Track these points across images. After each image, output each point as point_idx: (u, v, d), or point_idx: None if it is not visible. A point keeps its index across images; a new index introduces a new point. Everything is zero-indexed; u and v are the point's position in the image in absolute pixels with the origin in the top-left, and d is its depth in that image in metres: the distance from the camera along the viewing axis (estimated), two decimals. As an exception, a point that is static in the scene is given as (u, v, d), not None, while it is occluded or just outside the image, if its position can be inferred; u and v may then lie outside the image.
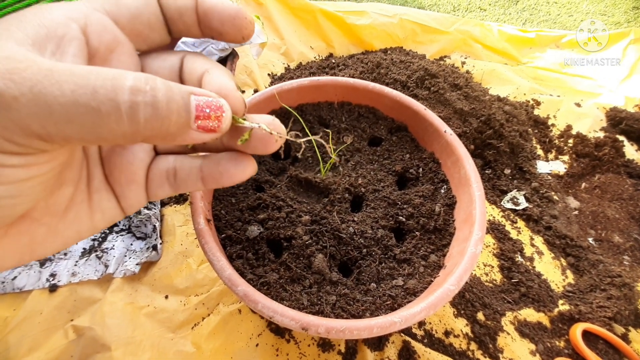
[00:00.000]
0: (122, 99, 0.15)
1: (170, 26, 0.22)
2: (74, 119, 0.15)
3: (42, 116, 0.14)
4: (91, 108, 0.15)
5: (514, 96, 0.85)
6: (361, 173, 0.45)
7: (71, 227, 0.22)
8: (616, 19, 1.21)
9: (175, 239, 0.54)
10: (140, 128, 0.16)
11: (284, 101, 0.46)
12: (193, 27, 0.22)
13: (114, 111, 0.15)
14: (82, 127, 0.15)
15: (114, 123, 0.15)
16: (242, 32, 0.22)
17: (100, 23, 0.19)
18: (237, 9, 0.22)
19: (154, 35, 0.22)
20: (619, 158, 0.74)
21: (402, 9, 0.94)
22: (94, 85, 0.15)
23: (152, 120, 0.16)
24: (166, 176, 0.25)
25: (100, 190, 0.23)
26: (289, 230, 0.38)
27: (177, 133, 0.18)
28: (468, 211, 0.39)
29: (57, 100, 0.14)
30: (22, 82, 0.14)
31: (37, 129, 0.15)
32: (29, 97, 0.14)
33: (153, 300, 0.49)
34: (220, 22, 0.22)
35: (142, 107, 0.16)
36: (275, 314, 0.29)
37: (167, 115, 0.16)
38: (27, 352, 0.44)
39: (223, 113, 0.19)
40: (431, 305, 0.31)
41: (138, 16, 0.21)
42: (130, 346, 0.45)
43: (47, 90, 0.14)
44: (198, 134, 0.18)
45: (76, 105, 0.14)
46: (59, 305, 0.47)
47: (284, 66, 0.82)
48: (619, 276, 0.57)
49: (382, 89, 0.48)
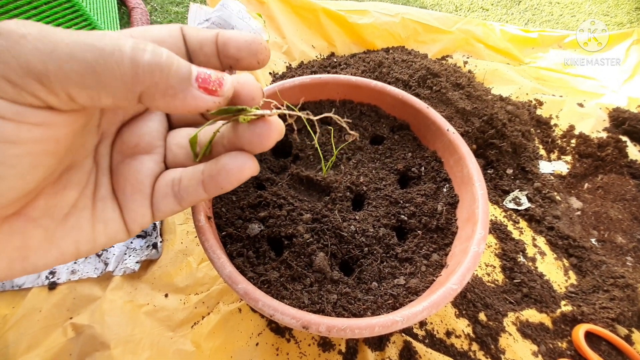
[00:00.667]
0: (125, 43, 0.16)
1: (192, 57, 0.23)
2: (76, 55, 0.15)
3: (44, 51, 0.15)
4: (96, 47, 0.15)
5: (517, 96, 0.84)
6: (363, 171, 0.45)
7: (70, 236, 0.21)
8: (619, 20, 1.20)
9: (176, 237, 0.54)
10: (140, 71, 0.16)
11: (286, 99, 0.45)
12: (212, 57, 0.23)
13: (117, 50, 0.16)
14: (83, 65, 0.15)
15: (115, 62, 0.16)
16: (258, 57, 0.23)
17: None
18: (252, 36, 0.23)
19: None
20: (622, 158, 0.74)
21: (404, 8, 0.94)
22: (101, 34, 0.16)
23: (152, 63, 0.16)
24: (171, 185, 0.25)
25: (106, 200, 0.23)
26: (290, 229, 0.38)
27: (178, 87, 0.18)
28: (471, 210, 0.39)
29: (63, 40, 0.15)
30: (32, 26, 0.15)
31: (37, 66, 0.15)
32: (36, 35, 0.15)
33: (153, 299, 0.49)
34: (237, 49, 0.23)
35: (142, 51, 0.16)
36: (276, 312, 0.29)
37: (167, 64, 0.17)
38: (26, 350, 0.44)
39: (224, 78, 0.20)
40: (433, 304, 0.31)
41: (160, 43, 0.21)
42: (129, 344, 0.44)
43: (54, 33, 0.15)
44: (200, 93, 0.18)
45: (81, 44, 0.15)
46: (58, 303, 0.47)
47: (286, 65, 0.82)
48: (622, 277, 0.56)
49: (385, 87, 0.48)
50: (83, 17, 0.70)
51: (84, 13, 0.70)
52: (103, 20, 0.76)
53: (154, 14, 0.92)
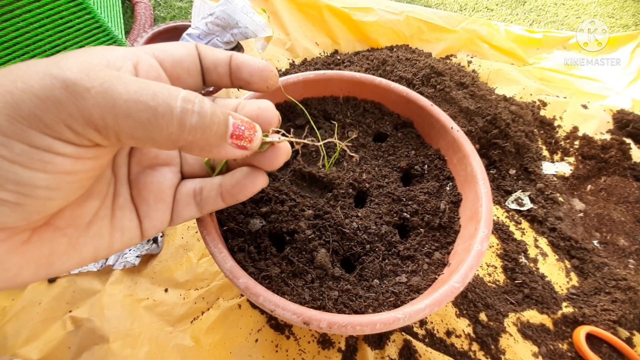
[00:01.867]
0: (175, 104, 0.18)
1: (205, 75, 0.25)
2: (132, 114, 0.17)
3: (105, 107, 0.16)
4: (149, 106, 0.17)
5: (520, 96, 0.84)
6: (365, 169, 0.45)
7: (91, 243, 0.23)
8: (624, 22, 1.20)
9: (176, 232, 0.54)
10: (186, 132, 0.18)
11: (290, 94, 0.45)
12: (225, 77, 0.26)
13: (167, 112, 0.17)
14: (137, 122, 0.17)
15: (165, 123, 0.17)
16: (267, 83, 0.26)
17: (149, 63, 0.22)
18: (264, 63, 0.26)
19: (190, 81, 0.25)
20: (626, 161, 0.74)
21: (409, 7, 0.94)
22: (154, 90, 0.17)
23: (197, 126, 0.18)
24: (193, 195, 0.28)
25: (124, 209, 0.25)
26: (292, 224, 0.37)
27: (214, 144, 0.20)
28: (474, 209, 0.38)
29: (122, 96, 0.16)
30: (96, 78, 0.16)
31: (96, 120, 0.16)
32: (98, 89, 0.16)
33: (152, 293, 0.48)
34: (250, 74, 0.25)
35: (191, 113, 0.18)
36: (277, 307, 0.29)
37: (209, 125, 0.19)
38: (25, 342, 0.43)
39: (255, 132, 0.22)
40: (435, 302, 0.31)
41: (180, 62, 0.23)
42: (128, 338, 0.44)
43: (114, 87, 0.16)
44: (232, 148, 0.21)
45: (137, 102, 0.17)
46: (57, 296, 0.47)
47: (289, 62, 0.82)
48: (624, 279, 0.56)
49: (389, 84, 0.48)
50: (87, 10, 0.70)
51: (88, 7, 0.70)
52: (107, 14, 0.76)
53: (157, 9, 0.92)
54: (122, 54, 0.20)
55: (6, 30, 0.64)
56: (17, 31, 0.65)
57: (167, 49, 0.23)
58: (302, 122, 0.48)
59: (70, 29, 0.69)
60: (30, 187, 0.17)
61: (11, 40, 0.65)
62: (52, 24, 0.67)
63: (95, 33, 0.73)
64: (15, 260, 0.19)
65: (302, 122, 0.48)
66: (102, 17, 0.73)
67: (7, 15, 0.63)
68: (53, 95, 0.15)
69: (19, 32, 0.65)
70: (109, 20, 0.75)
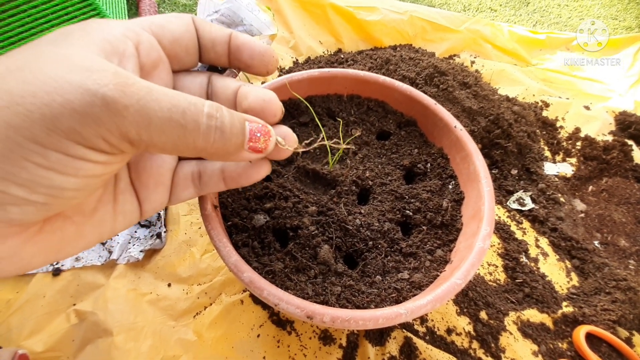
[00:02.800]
0: (202, 121, 0.19)
1: (202, 53, 0.25)
2: (166, 131, 0.18)
3: (142, 125, 0.17)
4: (180, 125, 0.18)
5: (523, 97, 0.84)
6: (369, 166, 0.45)
7: (96, 229, 0.23)
8: (628, 24, 1.20)
9: (180, 227, 0.54)
10: (209, 145, 0.20)
11: (294, 91, 0.45)
12: (223, 57, 0.26)
13: (195, 129, 0.19)
14: (169, 137, 0.18)
15: (193, 139, 0.19)
16: (268, 67, 0.26)
17: (149, 42, 0.22)
18: (266, 47, 0.26)
19: (187, 59, 0.25)
20: (627, 162, 0.74)
21: (413, 6, 0.94)
22: (183, 108, 0.18)
23: (219, 140, 0.20)
24: (191, 178, 0.28)
25: (125, 193, 0.25)
26: (295, 220, 0.38)
27: (233, 152, 0.21)
28: (477, 207, 0.39)
29: (156, 114, 0.17)
30: (131, 95, 0.17)
31: (133, 135, 0.17)
32: (136, 107, 0.17)
33: (156, 288, 0.49)
34: (250, 57, 0.25)
35: (214, 130, 0.20)
36: (281, 301, 0.29)
37: (229, 138, 0.20)
38: (29, 335, 0.44)
39: (270, 137, 0.23)
40: (437, 298, 0.31)
41: (178, 40, 0.24)
42: (131, 332, 0.45)
43: (149, 105, 0.17)
44: (248, 153, 0.22)
45: (170, 121, 0.18)
46: (62, 289, 0.47)
47: (293, 60, 0.82)
48: (624, 280, 0.56)
49: (393, 82, 0.48)
50: (92, 6, 0.70)
51: (93, 3, 0.70)
52: (112, 10, 0.76)
53: (162, 6, 0.93)
54: (122, 32, 0.21)
55: (12, 26, 0.64)
56: (23, 26, 0.65)
57: (165, 25, 0.23)
58: (306, 120, 0.48)
59: (76, 24, 0.70)
60: (60, 189, 0.18)
61: (17, 36, 0.66)
62: (57, 19, 0.68)
63: (100, 29, 0.73)
64: (29, 250, 0.19)
65: (306, 120, 0.48)
66: (107, 13, 0.73)
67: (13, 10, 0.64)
68: (93, 113, 0.16)
69: (24, 27, 0.65)
70: (114, 16, 0.76)
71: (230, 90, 0.26)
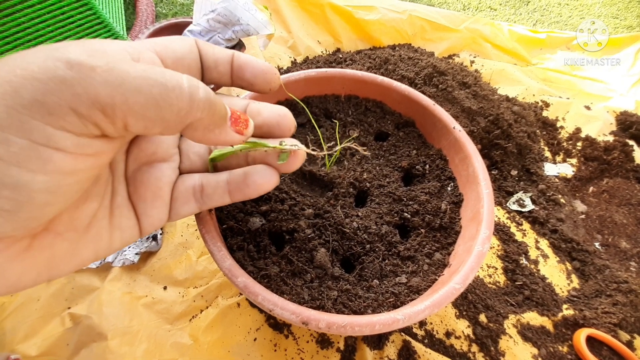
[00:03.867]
0: (183, 79, 0.18)
1: (205, 72, 0.25)
2: (142, 89, 0.16)
3: (113, 85, 0.16)
4: (159, 82, 0.17)
5: (523, 97, 0.84)
6: (366, 168, 0.44)
7: (91, 245, 0.22)
8: (629, 23, 1.19)
9: (176, 230, 0.54)
10: (195, 106, 0.18)
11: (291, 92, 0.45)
12: (225, 76, 0.26)
13: (177, 86, 0.17)
14: (148, 98, 0.16)
15: (176, 97, 0.17)
16: (270, 85, 0.26)
17: (150, 59, 0.21)
18: (268, 66, 0.26)
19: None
20: (628, 163, 0.73)
21: (412, 5, 0.93)
22: (161, 69, 0.17)
23: (204, 100, 0.19)
24: (192, 192, 0.27)
25: (122, 207, 0.24)
26: (292, 223, 0.37)
27: (217, 123, 0.20)
28: (475, 209, 0.38)
29: (130, 74, 0.16)
30: (101, 57, 0.16)
31: (104, 98, 0.16)
32: (104, 68, 0.15)
33: (151, 291, 0.48)
34: (253, 76, 0.26)
35: (197, 89, 0.18)
36: (276, 307, 0.29)
37: (214, 102, 0.19)
38: (23, 339, 0.43)
39: (248, 122, 0.23)
40: (435, 303, 0.30)
41: (181, 60, 0.23)
42: (127, 336, 0.44)
43: (121, 66, 0.16)
44: (231, 131, 0.22)
45: (146, 79, 0.16)
46: (56, 292, 0.47)
47: (291, 60, 0.81)
48: (625, 282, 0.56)
49: (391, 82, 0.47)
50: (88, 6, 0.70)
51: (90, 2, 0.69)
52: (108, 10, 0.75)
53: (159, 5, 0.92)
54: (122, 47, 0.20)
55: (7, 26, 0.64)
56: (18, 26, 0.65)
57: (168, 45, 0.23)
58: (304, 121, 0.47)
59: (72, 24, 0.69)
60: (28, 191, 0.16)
61: (13, 36, 0.65)
62: (53, 19, 0.67)
63: (96, 29, 0.72)
64: (16, 268, 0.18)
65: (303, 121, 0.47)
66: (104, 13, 0.72)
67: (8, 10, 0.63)
68: (56, 76, 0.15)
69: (20, 27, 0.65)
70: (111, 16, 0.75)
71: (240, 108, 0.26)
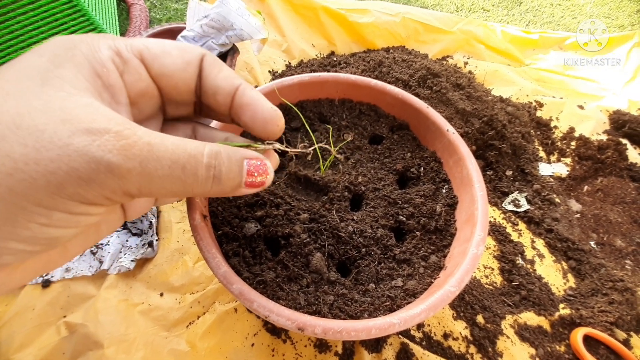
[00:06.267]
0: (200, 174, 0.20)
1: (202, 95, 0.24)
2: (166, 186, 0.19)
3: (143, 184, 0.18)
4: (180, 179, 0.19)
5: (517, 97, 0.84)
6: (361, 171, 0.45)
7: (80, 244, 0.23)
8: (620, 22, 1.20)
9: (172, 235, 0.53)
10: (206, 192, 0.21)
11: (285, 97, 0.45)
12: (223, 107, 0.25)
13: (194, 182, 0.20)
14: (168, 191, 0.19)
15: (192, 190, 0.20)
16: (268, 134, 0.25)
17: (136, 72, 0.22)
18: (272, 115, 0.24)
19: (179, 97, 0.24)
20: (622, 161, 0.74)
21: (405, 8, 0.94)
22: (183, 163, 0.19)
23: (215, 187, 0.21)
24: None
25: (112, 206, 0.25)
26: (287, 228, 0.37)
27: (230, 193, 0.22)
28: (470, 211, 0.38)
29: (157, 174, 0.18)
30: (134, 157, 0.17)
31: (134, 192, 0.18)
32: (138, 170, 0.17)
33: (148, 298, 0.48)
34: (252, 120, 0.24)
35: (212, 180, 0.20)
36: (271, 313, 0.29)
37: (225, 184, 0.21)
38: (19, 348, 0.43)
39: (267, 175, 0.23)
40: (431, 306, 0.30)
41: (167, 77, 0.23)
42: (123, 344, 0.44)
43: (150, 165, 0.18)
44: (246, 190, 0.23)
45: (170, 177, 0.19)
46: (51, 301, 0.46)
47: (285, 63, 0.82)
48: (621, 280, 0.56)
49: (384, 86, 0.48)
50: (81, 12, 0.70)
51: (82, 9, 0.69)
52: (102, 16, 0.75)
53: (153, 11, 0.92)
54: (109, 57, 0.20)
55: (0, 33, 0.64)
56: (11, 33, 0.65)
57: (159, 56, 0.22)
58: (298, 125, 0.47)
59: (65, 31, 0.69)
60: (58, 239, 0.18)
61: (5, 43, 0.65)
62: (46, 26, 0.67)
63: (90, 35, 0.72)
64: (15, 277, 0.20)
65: (297, 125, 0.47)
66: (97, 19, 0.72)
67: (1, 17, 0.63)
68: (98, 179, 0.17)
69: (13, 34, 0.65)
70: (104, 22, 0.75)
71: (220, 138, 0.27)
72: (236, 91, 0.24)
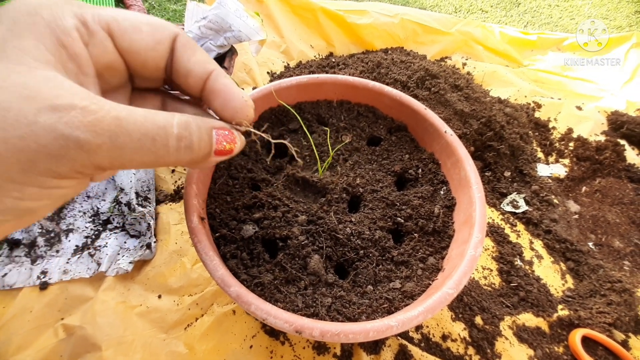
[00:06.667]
0: (172, 145, 0.20)
1: (173, 75, 0.24)
2: (137, 159, 0.19)
3: (114, 158, 0.18)
4: (151, 151, 0.19)
5: (515, 98, 0.84)
6: (359, 173, 0.45)
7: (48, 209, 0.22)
8: (618, 23, 1.20)
9: (170, 237, 0.53)
10: (177, 161, 0.21)
11: (283, 99, 0.45)
12: (194, 89, 0.24)
13: (165, 152, 0.20)
14: (139, 162, 0.19)
15: (163, 159, 0.20)
16: (236, 120, 0.25)
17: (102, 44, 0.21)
18: (242, 105, 0.24)
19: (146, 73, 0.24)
20: (620, 162, 0.74)
21: (404, 9, 0.94)
22: (152, 135, 0.19)
23: (186, 156, 0.21)
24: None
25: None
26: (285, 230, 0.37)
27: (200, 162, 0.22)
28: (468, 213, 0.38)
29: (128, 147, 0.18)
30: (103, 132, 0.17)
31: (105, 165, 0.18)
32: (108, 145, 0.17)
33: (146, 300, 0.48)
34: (222, 107, 0.24)
35: (183, 150, 0.21)
36: (269, 315, 0.29)
37: (197, 153, 0.21)
38: (17, 350, 0.43)
39: (236, 144, 0.24)
40: (429, 309, 0.30)
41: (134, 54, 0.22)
42: (121, 346, 0.44)
43: (121, 140, 0.18)
44: (215, 158, 0.23)
45: (141, 150, 0.19)
46: (49, 303, 0.46)
47: (284, 65, 0.82)
48: (619, 281, 0.56)
49: (382, 87, 0.48)
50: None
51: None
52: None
53: (151, 12, 0.92)
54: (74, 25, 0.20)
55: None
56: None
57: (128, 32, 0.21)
58: (296, 127, 0.47)
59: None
60: (32, 210, 0.19)
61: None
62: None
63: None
64: None
65: (295, 127, 0.47)
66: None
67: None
68: (68, 154, 0.17)
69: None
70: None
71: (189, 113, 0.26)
72: (209, 76, 0.24)
